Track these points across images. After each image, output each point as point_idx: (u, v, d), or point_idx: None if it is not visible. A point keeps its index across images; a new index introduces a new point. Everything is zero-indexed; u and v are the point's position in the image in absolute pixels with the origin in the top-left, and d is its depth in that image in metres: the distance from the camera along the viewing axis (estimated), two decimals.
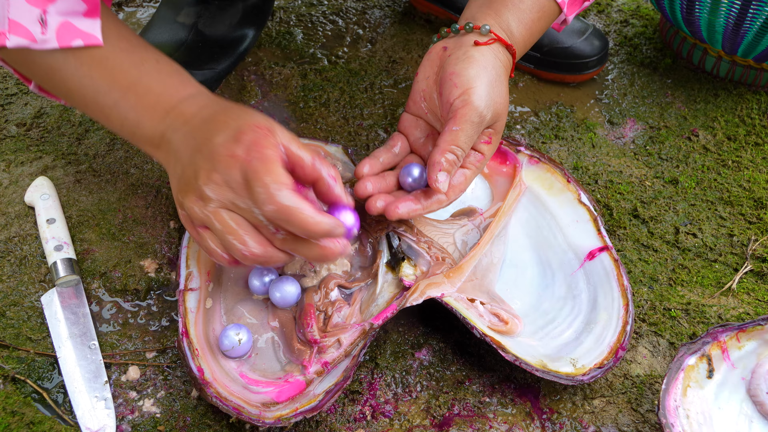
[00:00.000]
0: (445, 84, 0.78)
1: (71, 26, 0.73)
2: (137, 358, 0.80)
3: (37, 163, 0.98)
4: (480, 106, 0.77)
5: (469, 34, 0.80)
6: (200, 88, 0.77)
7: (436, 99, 0.81)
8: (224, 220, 0.68)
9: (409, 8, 1.28)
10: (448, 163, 0.77)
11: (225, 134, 0.68)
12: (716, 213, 0.99)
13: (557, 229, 0.89)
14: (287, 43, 1.20)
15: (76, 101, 0.78)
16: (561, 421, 0.77)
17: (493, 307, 0.81)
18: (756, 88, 1.16)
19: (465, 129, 0.76)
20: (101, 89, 0.75)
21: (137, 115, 0.75)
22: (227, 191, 0.67)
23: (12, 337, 0.80)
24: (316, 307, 0.79)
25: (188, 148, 0.71)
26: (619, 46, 1.24)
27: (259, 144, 0.67)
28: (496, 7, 0.82)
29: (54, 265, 0.84)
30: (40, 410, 0.75)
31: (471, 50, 0.79)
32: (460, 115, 0.76)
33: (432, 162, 0.77)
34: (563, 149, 1.06)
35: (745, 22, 1.04)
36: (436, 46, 0.83)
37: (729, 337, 0.77)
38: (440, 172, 0.76)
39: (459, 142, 0.76)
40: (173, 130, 0.73)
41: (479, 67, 0.78)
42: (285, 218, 0.65)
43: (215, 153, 0.68)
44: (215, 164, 0.67)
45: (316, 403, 0.72)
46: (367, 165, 0.81)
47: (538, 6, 0.83)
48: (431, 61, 0.82)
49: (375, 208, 0.79)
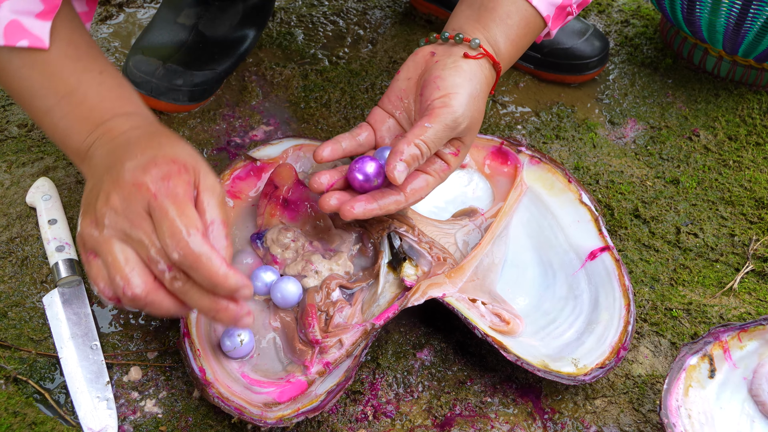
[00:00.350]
0: (428, 86, 0.78)
1: (20, 25, 0.71)
2: (139, 358, 0.80)
3: (39, 164, 0.98)
4: (458, 111, 0.76)
5: (459, 45, 0.80)
6: (139, 108, 0.75)
7: (413, 101, 0.81)
8: (113, 251, 0.63)
9: (410, 9, 1.28)
10: (411, 157, 0.74)
11: (137, 161, 0.65)
12: (717, 213, 0.99)
13: (558, 229, 0.89)
14: (288, 43, 1.20)
15: (17, 100, 0.77)
16: (563, 421, 0.77)
17: (495, 308, 0.81)
18: (757, 88, 1.16)
19: (436, 128, 0.75)
20: (38, 93, 0.73)
21: (67, 124, 0.73)
22: (123, 221, 0.63)
23: (14, 337, 0.80)
24: (318, 307, 0.79)
25: (101, 168, 0.68)
26: (619, 46, 1.25)
27: (170, 180, 0.63)
28: (484, 21, 0.82)
29: (56, 265, 0.84)
30: (42, 411, 0.75)
31: (460, 60, 0.79)
32: (436, 114, 0.75)
33: (395, 150, 0.74)
34: (564, 149, 1.06)
35: (745, 22, 1.04)
36: (424, 50, 0.82)
37: (730, 337, 0.77)
38: (400, 162, 0.73)
39: (427, 138, 0.75)
40: (98, 146, 0.70)
41: (465, 77, 0.78)
42: (191, 265, 0.61)
43: (121, 178, 0.64)
44: (118, 189, 0.64)
45: (318, 404, 0.72)
46: (328, 148, 0.79)
47: (525, 22, 0.83)
48: (416, 64, 0.82)
49: (328, 205, 0.76)
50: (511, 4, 0.82)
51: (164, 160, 0.65)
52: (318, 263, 0.82)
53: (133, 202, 0.63)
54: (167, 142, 0.69)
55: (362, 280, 0.83)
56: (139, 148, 0.67)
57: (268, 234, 0.84)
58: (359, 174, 0.77)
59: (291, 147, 0.92)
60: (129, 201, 0.63)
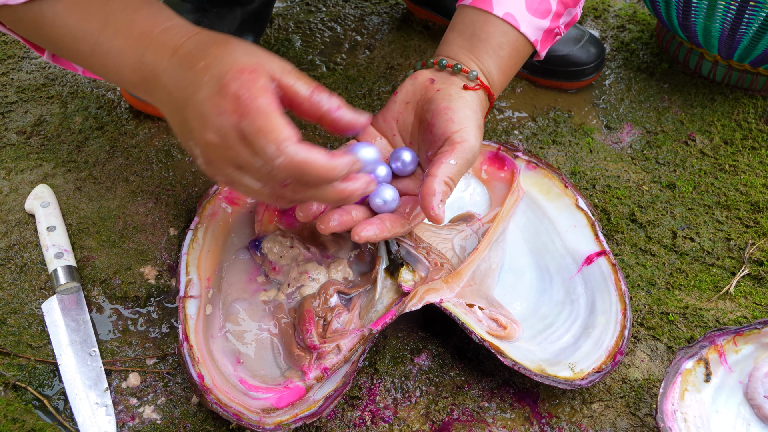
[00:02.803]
0: (440, 116, 0.78)
1: None
2: (137, 364, 0.80)
3: (38, 170, 0.98)
4: (476, 147, 0.77)
5: (457, 75, 0.81)
6: (172, 17, 0.72)
7: (410, 126, 0.82)
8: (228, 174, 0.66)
9: (407, 15, 1.28)
10: (443, 194, 0.74)
11: (208, 88, 0.63)
12: (713, 217, 0.99)
13: (555, 234, 0.89)
14: (286, 50, 1.20)
15: (62, 51, 0.75)
16: (560, 426, 0.77)
17: (492, 312, 0.81)
18: (752, 92, 1.17)
19: (460, 165, 0.76)
20: (77, 35, 0.71)
21: (115, 59, 0.71)
22: (228, 152, 0.64)
23: (13, 344, 0.80)
24: (315, 312, 0.79)
25: (176, 94, 0.66)
26: (616, 51, 1.25)
27: (248, 94, 0.62)
28: (477, 53, 0.83)
29: (54, 272, 0.84)
30: (41, 417, 0.75)
31: (461, 91, 0.80)
32: (459, 150, 0.76)
33: (430, 191, 0.73)
34: (561, 154, 1.07)
35: (740, 27, 1.04)
36: (422, 75, 0.83)
37: (726, 341, 0.78)
38: (441, 203, 0.74)
39: (454, 175, 0.76)
40: (158, 68, 0.68)
41: (471, 110, 0.79)
42: (299, 173, 0.63)
43: (203, 112, 0.64)
44: (207, 126, 0.64)
45: (316, 409, 0.72)
46: None
47: (516, 51, 0.85)
48: (415, 88, 0.82)
49: (328, 227, 0.75)
50: (502, 35, 0.83)
51: (232, 75, 0.63)
52: (313, 271, 0.82)
53: (225, 130, 0.63)
54: (221, 50, 0.65)
55: (360, 285, 0.83)
56: (199, 70, 0.64)
57: (265, 241, 0.84)
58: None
59: None
60: (221, 131, 0.63)
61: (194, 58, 0.65)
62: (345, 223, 0.76)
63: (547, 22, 0.85)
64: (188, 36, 0.68)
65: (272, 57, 0.66)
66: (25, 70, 1.14)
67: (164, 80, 0.67)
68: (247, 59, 0.64)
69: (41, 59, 1.16)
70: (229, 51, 0.65)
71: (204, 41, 0.67)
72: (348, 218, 0.76)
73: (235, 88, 0.62)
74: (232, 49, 0.65)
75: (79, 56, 0.74)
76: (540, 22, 0.85)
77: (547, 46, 0.88)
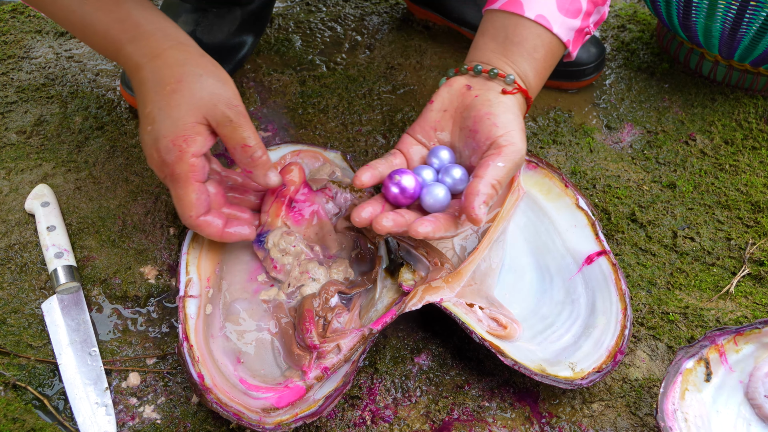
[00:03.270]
0: (482, 122, 0.78)
1: None
2: (137, 364, 0.80)
3: (37, 170, 0.98)
4: (522, 150, 0.77)
5: (494, 80, 0.81)
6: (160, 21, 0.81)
7: (450, 134, 0.82)
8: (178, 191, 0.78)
9: (407, 15, 1.28)
10: (488, 197, 0.74)
11: (149, 138, 0.76)
12: (714, 217, 0.99)
13: (555, 234, 0.89)
14: (286, 49, 1.20)
15: (61, 23, 0.83)
16: (560, 425, 0.77)
17: (492, 312, 0.81)
18: (753, 92, 1.16)
19: (508, 167, 0.76)
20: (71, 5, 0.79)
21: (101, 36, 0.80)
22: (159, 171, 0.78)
23: (13, 344, 0.80)
24: (316, 312, 0.79)
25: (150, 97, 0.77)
26: (616, 51, 1.25)
27: (172, 161, 0.75)
28: (512, 56, 0.83)
29: (54, 272, 0.84)
30: (41, 417, 0.75)
31: (500, 96, 0.80)
32: (506, 153, 0.76)
33: (474, 191, 0.74)
34: (561, 154, 1.07)
35: (741, 27, 1.04)
36: (457, 81, 0.83)
37: (727, 341, 0.77)
38: (483, 204, 0.73)
39: (501, 178, 0.75)
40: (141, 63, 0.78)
41: (512, 114, 0.79)
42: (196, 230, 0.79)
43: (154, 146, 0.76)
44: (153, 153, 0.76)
45: (316, 409, 0.72)
46: (368, 173, 0.80)
47: (550, 53, 0.85)
48: (451, 96, 0.82)
49: (384, 227, 0.75)
50: (535, 37, 0.83)
51: (164, 144, 0.75)
52: (314, 271, 0.82)
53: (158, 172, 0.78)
54: (166, 104, 0.75)
55: (360, 285, 0.83)
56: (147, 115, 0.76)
57: (270, 236, 0.84)
58: (395, 187, 0.79)
59: (289, 153, 0.92)
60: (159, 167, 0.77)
61: (149, 93, 0.77)
62: (399, 224, 0.76)
63: (578, 22, 0.85)
64: (162, 49, 0.78)
65: (219, 102, 0.76)
66: (25, 70, 1.14)
67: (145, 74, 0.77)
68: (188, 118, 0.75)
69: (41, 59, 1.16)
70: (170, 107, 0.75)
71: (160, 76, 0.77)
72: (401, 219, 0.77)
73: (164, 154, 0.75)
74: (175, 104, 0.75)
75: (73, 28, 0.83)
76: (571, 22, 0.84)
77: (578, 45, 0.88)
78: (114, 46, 0.79)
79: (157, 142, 0.75)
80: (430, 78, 1.17)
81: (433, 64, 1.20)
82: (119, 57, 0.80)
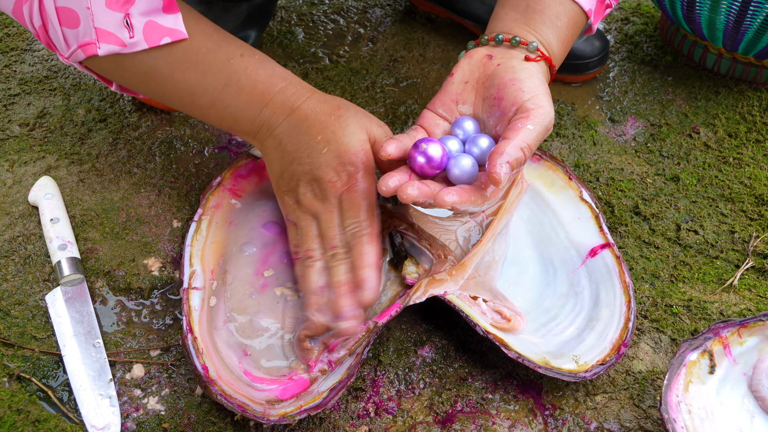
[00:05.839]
0: (507, 88, 0.76)
1: (156, 25, 0.74)
2: (141, 356, 0.80)
3: (41, 162, 0.98)
4: (552, 114, 0.74)
5: (516, 48, 0.79)
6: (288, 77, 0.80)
7: (472, 105, 0.80)
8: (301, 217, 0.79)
9: (410, 7, 1.28)
10: (516, 161, 0.70)
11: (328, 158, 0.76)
12: (717, 210, 0.99)
13: (559, 227, 0.89)
14: (288, 42, 1.20)
15: (172, 101, 0.81)
16: (563, 417, 0.77)
17: (496, 305, 0.81)
18: (757, 85, 1.16)
19: (537, 131, 0.72)
20: (196, 91, 0.78)
21: (234, 112, 0.79)
22: (319, 205, 0.77)
23: (17, 335, 0.80)
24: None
25: (288, 150, 0.78)
26: (619, 43, 1.25)
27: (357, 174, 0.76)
28: (534, 24, 0.81)
29: (58, 264, 0.84)
30: (46, 408, 0.75)
31: (523, 63, 0.78)
32: (534, 115, 0.73)
33: (500, 151, 0.70)
34: (564, 147, 1.06)
35: (745, 20, 1.04)
36: (478, 53, 0.80)
37: (730, 333, 0.77)
38: (506, 164, 0.69)
39: (531, 142, 0.72)
40: (275, 123, 0.78)
41: (539, 80, 0.77)
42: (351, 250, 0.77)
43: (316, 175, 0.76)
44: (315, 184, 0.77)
45: (320, 401, 0.72)
46: (393, 144, 0.76)
47: (572, 22, 0.83)
48: (472, 67, 0.80)
49: (410, 195, 0.72)
50: (558, 5, 0.82)
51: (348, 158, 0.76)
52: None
53: (329, 194, 0.77)
54: (338, 126, 0.76)
55: None
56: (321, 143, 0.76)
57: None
58: (421, 156, 0.75)
59: None
60: (325, 193, 0.77)
61: (311, 127, 0.77)
62: (425, 193, 0.73)
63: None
64: (303, 99, 0.78)
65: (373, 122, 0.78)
66: (28, 62, 1.14)
67: (277, 134, 0.78)
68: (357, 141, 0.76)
69: (44, 51, 1.16)
70: (342, 127, 0.76)
71: (318, 110, 0.77)
72: (427, 189, 0.73)
73: (350, 168, 0.76)
74: (344, 124, 0.77)
75: (194, 108, 0.80)
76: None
77: (599, 18, 0.86)
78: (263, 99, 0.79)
79: (341, 156, 0.75)
80: (433, 70, 1.17)
81: (437, 56, 1.20)
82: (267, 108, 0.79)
